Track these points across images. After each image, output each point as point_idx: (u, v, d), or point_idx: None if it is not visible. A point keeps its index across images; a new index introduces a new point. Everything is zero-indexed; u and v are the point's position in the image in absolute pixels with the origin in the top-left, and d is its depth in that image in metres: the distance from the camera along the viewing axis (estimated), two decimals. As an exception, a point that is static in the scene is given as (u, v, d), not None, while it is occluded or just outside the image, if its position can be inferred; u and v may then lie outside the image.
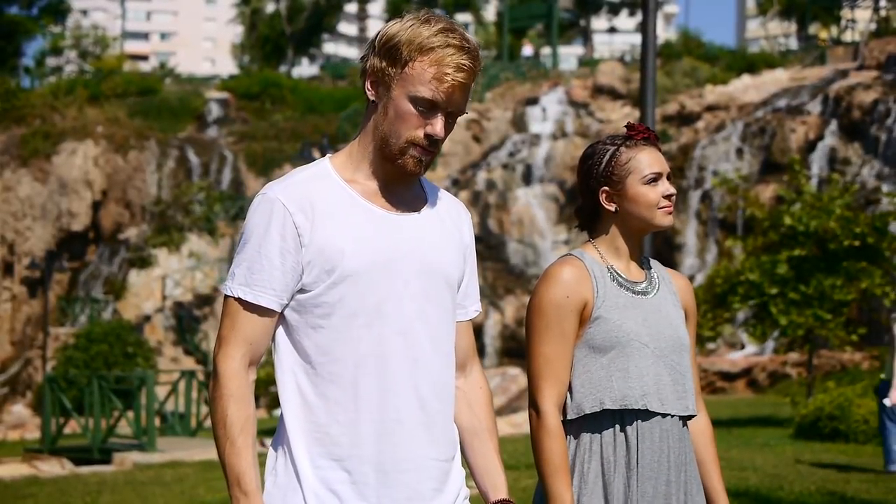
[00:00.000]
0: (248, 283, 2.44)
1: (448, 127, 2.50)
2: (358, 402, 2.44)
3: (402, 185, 2.57)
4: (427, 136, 2.47)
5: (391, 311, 2.46)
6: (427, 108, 2.47)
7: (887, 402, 11.35)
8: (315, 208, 2.45)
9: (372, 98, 2.55)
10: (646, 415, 2.93)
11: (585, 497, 2.92)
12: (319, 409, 2.45)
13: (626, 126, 3.15)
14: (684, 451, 2.99)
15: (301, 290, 2.46)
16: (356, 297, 2.44)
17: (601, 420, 2.94)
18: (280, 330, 2.51)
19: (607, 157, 3.05)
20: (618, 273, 3.03)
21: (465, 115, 2.54)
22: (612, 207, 3.05)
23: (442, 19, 2.50)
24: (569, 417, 2.95)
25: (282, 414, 2.50)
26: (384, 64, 2.49)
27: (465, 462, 2.70)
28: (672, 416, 2.97)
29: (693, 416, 3.03)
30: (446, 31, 2.46)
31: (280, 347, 2.50)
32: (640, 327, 2.96)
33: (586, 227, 3.13)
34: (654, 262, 3.18)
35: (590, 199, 3.08)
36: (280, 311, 2.47)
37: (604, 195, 3.05)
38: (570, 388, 2.96)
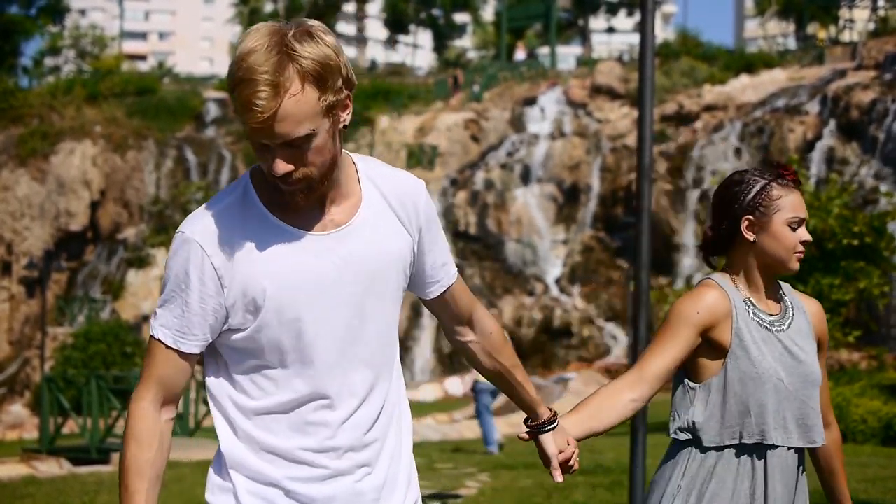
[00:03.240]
0: (168, 325, 2.37)
1: (302, 152, 2.26)
2: (302, 440, 2.39)
3: (324, 200, 2.40)
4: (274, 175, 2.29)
5: (326, 344, 2.38)
6: (264, 147, 2.28)
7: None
8: (234, 245, 2.34)
9: None
10: (774, 447, 3.04)
11: None
12: (261, 448, 2.40)
13: (775, 164, 3.20)
14: (801, 481, 3.12)
15: (229, 330, 2.38)
16: (287, 334, 2.35)
17: (727, 450, 3.06)
18: (212, 369, 2.45)
19: (758, 187, 3.08)
20: (755, 306, 3.10)
21: (330, 117, 2.28)
22: (751, 237, 3.08)
23: (250, 34, 2.26)
24: (705, 445, 3.05)
25: (219, 449, 2.44)
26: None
27: (507, 395, 2.87)
28: (796, 449, 3.09)
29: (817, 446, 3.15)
30: (241, 59, 2.23)
31: (212, 389, 2.44)
32: (776, 363, 3.03)
33: (715, 252, 3.19)
34: (786, 288, 3.23)
35: (728, 226, 3.12)
36: (200, 352, 2.40)
37: (746, 223, 3.08)
38: (705, 415, 3.05)
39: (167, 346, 2.38)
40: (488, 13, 72.77)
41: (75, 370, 26.73)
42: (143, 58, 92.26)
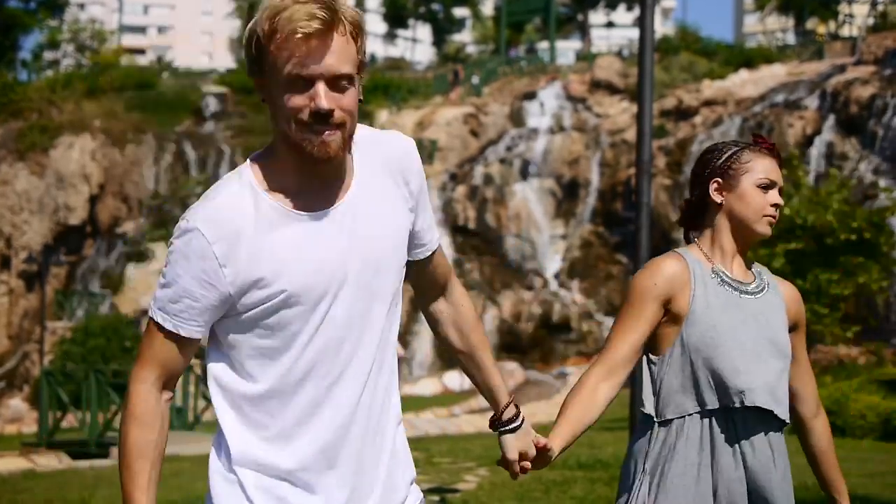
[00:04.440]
0: (168, 310, 2.37)
1: (340, 94, 2.29)
2: (306, 426, 2.37)
3: (328, 175, 2.39)
4: (313, 113, 2.28)
5: (334, 325, 2.37)
6: (302, 85, 2.28)
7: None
8: (239, 233, 2.32)
9: (265, 102, 2.42)
10: (736, 412, 2.95)
11: (662, 495, 2.94)
12: (266, 436, 2.38)
13: (752, 134, 3.26)
14: (777, 455, 3.01)
15: (236, 313, 2.36)
16: (296, 317, 2.34)
17: (690, 420, 2.98)
18: (214, 355, 2.43)
19: (729, 153, 3.11)
20: (723, 273, 3.06)
21: (359, 77, 2.32)
22: (718, 199, 3.08)
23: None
24: (668, 417, 2.99)
25: (221, 437, 2.43)
26: (253, 67, 2.37)
27: (471, 377, 2.80)
28: (766, 416, 2.98)
29: (786, 424, 3.04)
30: (283, 6, 2.28)
31: (215, 375, 2.42)
32: (738, 326, 2.98)
33: (689, 225, 3.16)
34: (761, 268, 3.20)
35: (699, 192, 3.12)
36: (201, 337, 2.39)
37: (714, 185, 3.09)
38: (667, 387, 3.00)
39: (166, 330, 2.38)
40: (488, 7, 72.74)
41: (74, 364, 26.71)
42: (142, 52, 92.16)
